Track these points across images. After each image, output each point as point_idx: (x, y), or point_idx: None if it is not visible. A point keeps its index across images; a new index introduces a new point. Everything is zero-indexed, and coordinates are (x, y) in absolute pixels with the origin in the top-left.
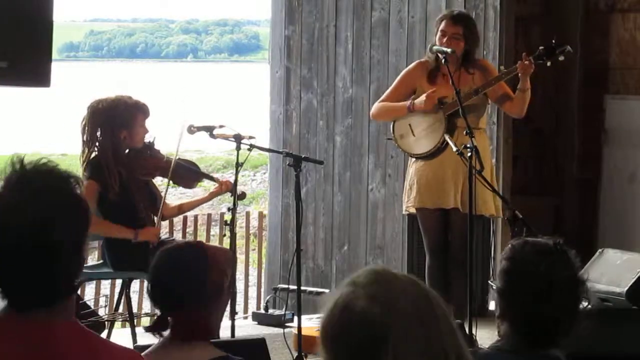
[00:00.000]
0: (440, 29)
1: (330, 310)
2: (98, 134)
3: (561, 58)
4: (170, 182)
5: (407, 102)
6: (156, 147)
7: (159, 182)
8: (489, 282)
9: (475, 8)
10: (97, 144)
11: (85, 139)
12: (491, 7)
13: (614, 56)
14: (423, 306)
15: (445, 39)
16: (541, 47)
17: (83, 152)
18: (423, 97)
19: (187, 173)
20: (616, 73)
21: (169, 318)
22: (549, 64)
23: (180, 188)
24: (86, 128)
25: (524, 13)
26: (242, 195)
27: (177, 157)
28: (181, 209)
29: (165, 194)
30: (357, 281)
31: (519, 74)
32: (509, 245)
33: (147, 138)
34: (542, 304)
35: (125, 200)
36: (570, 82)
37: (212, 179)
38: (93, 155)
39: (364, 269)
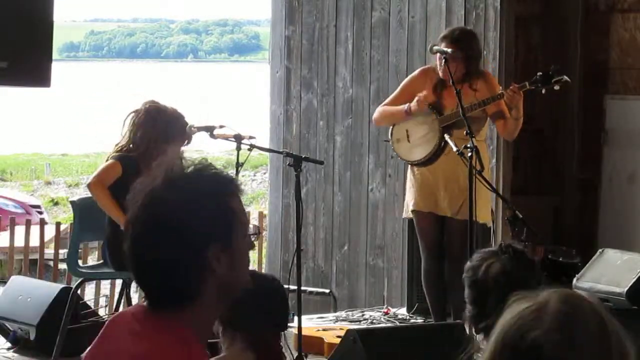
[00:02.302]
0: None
1: (506, 327)
2: (140, 133)
3: (556, 87)
4: None
5: (405, 106)
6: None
7: None
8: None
9: (476, 8)
10: (134, 141)
11: (129, 133)
12: (491, 7)
13: (614, 56)
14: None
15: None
16: (539, 73)
17: (120, 144)
18: (415, 99)
19: None
20: (616, 73)
21: None
22: (543, 91)
23: None
24: (133, 124)
25: (524, 13)
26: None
27: None
28: None
29: None
30: (544, 319)
31: (507, 102)
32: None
33: None
34: (483, 306)
35: None
36: (570, 82)
37: None
38: (127, 146)
39: (557, 295)
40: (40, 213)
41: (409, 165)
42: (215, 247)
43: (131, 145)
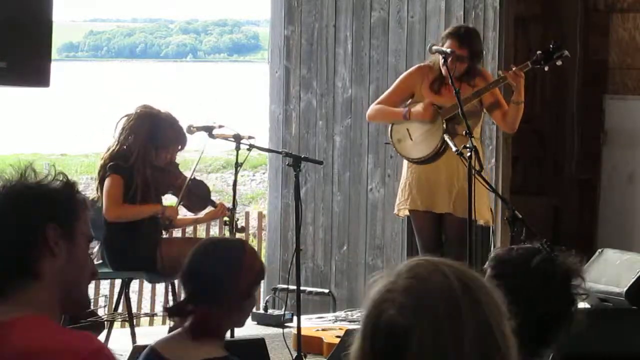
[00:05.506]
0: (445, 46)
1: (367, 307)
2: (131, 138)
3: (559, 63)
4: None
5: (404, 110)
6: (175, 161)
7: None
8: None
9: (475, 8)
10: (125, 146)
11: (120, 137)
12: (491, 7)
13: (614, 56)
14: (450, 315)
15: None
16: (539, 52)
17: (112, 148)
18: (420, 107)
19: (195, 200)
20: (616, 73)
21: (190, 307)
22: (546, 68)
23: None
24: (124, 128)
25: (524, 13)
26: (242, 229)
27: (192, 178)
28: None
29: (177, 207)
30: (394, 284)
31: (511, 83)
32: (493, 254)
33: None
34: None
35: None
36: (570, 82)
37: (214, 205)
38: (119, 151)
39: (407, 267)
40: None
41: (407, 163)
42: (53, 227)
43: (124, 147)
